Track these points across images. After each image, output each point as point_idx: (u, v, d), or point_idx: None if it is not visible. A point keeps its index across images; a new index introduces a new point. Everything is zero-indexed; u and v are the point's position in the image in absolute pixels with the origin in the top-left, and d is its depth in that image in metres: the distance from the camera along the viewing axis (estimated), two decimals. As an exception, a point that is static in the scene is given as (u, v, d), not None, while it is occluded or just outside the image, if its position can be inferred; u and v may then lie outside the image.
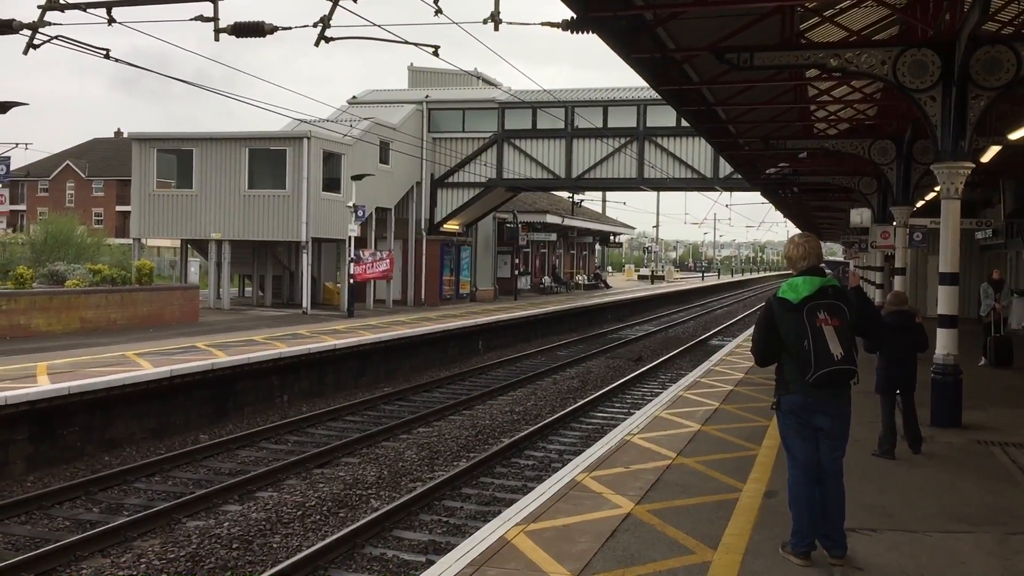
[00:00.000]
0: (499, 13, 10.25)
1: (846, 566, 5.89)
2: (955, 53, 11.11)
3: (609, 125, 34.66)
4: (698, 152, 33.51)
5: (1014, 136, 14.15)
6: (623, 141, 34.28)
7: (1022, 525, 7.07)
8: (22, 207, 72.90)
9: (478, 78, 39.36)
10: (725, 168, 32.47)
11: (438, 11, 10.01)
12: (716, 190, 37.78)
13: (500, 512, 8.02)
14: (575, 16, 10.53)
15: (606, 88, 36.74)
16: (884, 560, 6.09)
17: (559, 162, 35.19)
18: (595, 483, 7.99)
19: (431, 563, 6.53)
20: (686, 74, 15.51)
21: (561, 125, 34.69)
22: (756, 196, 42.56)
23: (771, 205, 45.58)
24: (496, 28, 10.40)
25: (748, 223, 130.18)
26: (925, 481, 8.44)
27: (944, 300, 11.48)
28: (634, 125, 34.38)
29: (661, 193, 66.48)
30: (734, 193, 47.65)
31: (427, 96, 37.13)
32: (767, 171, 29.38)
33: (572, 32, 10.27)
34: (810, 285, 5.74)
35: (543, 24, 10.07)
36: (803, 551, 5.88)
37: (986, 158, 16.07)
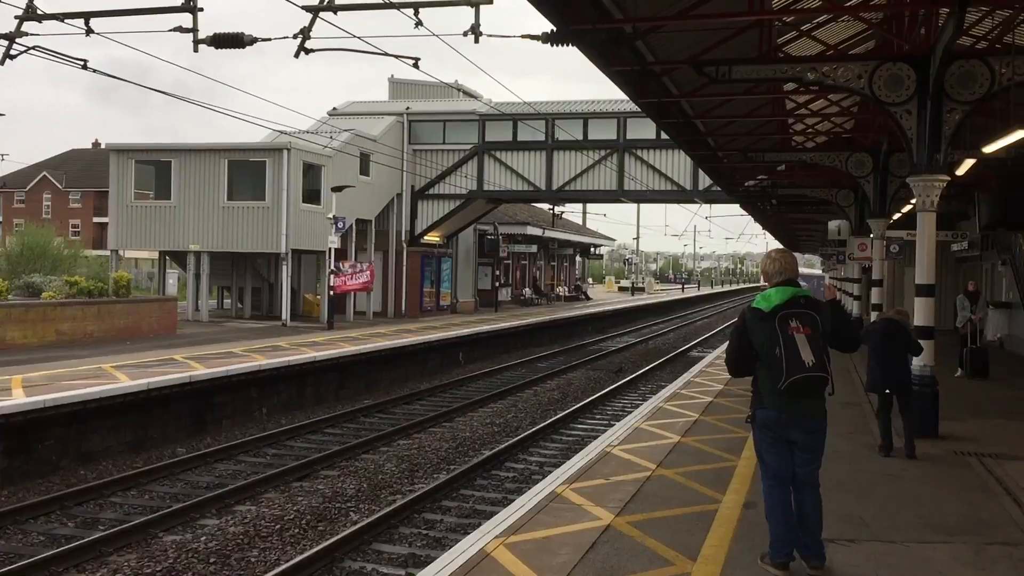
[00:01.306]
0: (479, 25, 10.29)
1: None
2: (930, 67, 11.24)
3: (589, 137, 34.80)
4: (678, 164, 33.67)
5: (989, 149, 14.31)
6: (603, 153, 34.40)
7: (998, 535, 7.12)
8: (-2, 218, 72.22)
9: (459, 90, 39.40)
10: (705, 180, 32.64)
11: (418, 23, 10.04)
12: (696, 202, 37.95)
13: (480, 524, 7.99)
14: (555, 29, 10.57)
15: (586, 100, 36.90)
16: (863, 570, 6.12)
17: (539, 174, 35.27)
18: (575, 495, 7.99)
19: (411, 576, 6.48)
20: (665, 87, 15.61)
21: (542, 137, 34.77)
22: (736, 208, 42.80)
23: (750, 217, 45.82)
24: (476, 40, 10.44)
25: (728, 235, 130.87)
26: (902, 491, 8.48)
27: (920, 311, 11.59)
28: (614, 137, 34.52)
29: (641, 205, 66.79)
30: (714, 205, 47.84)
31: (408, 108, 37.13)
32: (746, 183, 29.61)
33: (552, 45, 10.32)
34: (782, 294, 5.80)
35: (523, 37, 10.12)
36: (781, 561, 5.90)
37: (961, 171, 16.24)
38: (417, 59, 10.43)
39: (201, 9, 11.39)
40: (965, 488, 8.69)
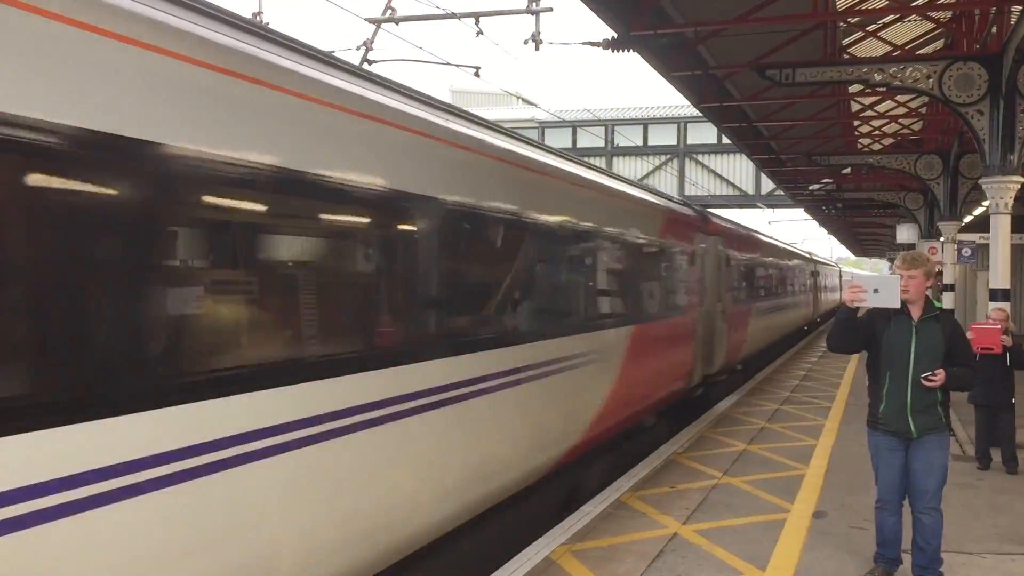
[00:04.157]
0: (539, 33, 10.33)
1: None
2: (1002, 66, 10.96)
3: (649, 143, 34.64)
4: (740, 169, 33.38)
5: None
6: (664, 158, 34.23)
7: (1080, 547, 6.88)
8: None
9: (518, 98, 39.56)
10: (767, 185, 32.26)
11: (479, 32, 10.14)
12: (758, 207, 37.50)
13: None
14: (616, 35, 10.56)
15: (646, 107, 36.78)
16: (939, 583, 5.96)
17: (599, 180, 35.18)
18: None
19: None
20: (727, 91, 15.50)
21: (601, 143, 34.71)
22: (800, 213, 42.17)
23: (814, 222, 45.11)
24: (537, 48, 10.48)
25: (791, 240, 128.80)
26: (978, 501, 8.25)
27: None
28: (675, 142, 34.32)
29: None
30: (777, 210, 47.23)
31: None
32: (810, 187, 29.15)
33: (613, 51, 10.30)
34: None
35: (584, 44, 10.13)
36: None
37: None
38: (478, 67, 10.53)
39: (268, 23, 11.59)
40: (1044, 499, 8.42)
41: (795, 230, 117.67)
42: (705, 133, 32.39)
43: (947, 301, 20.75)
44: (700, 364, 13.08)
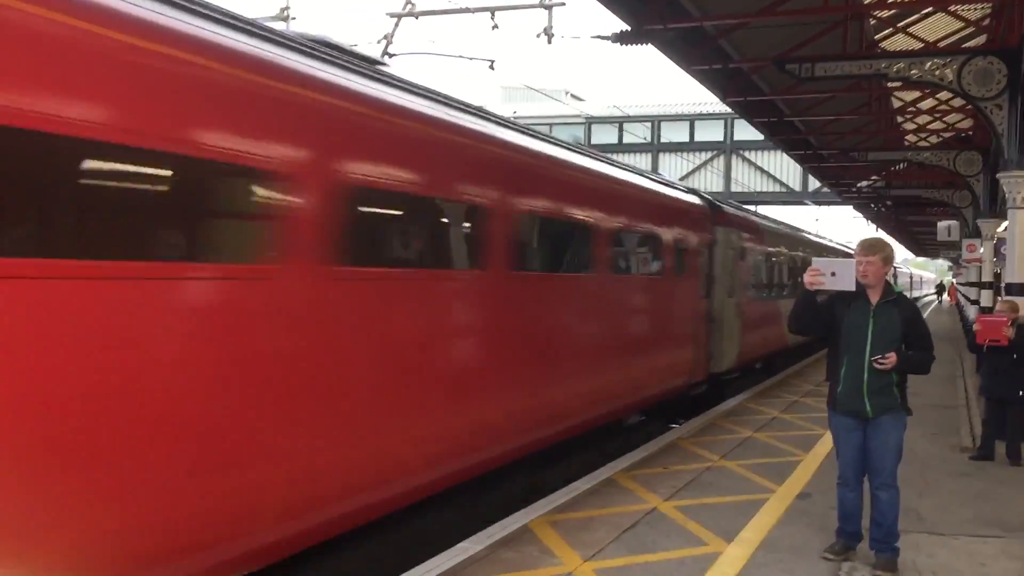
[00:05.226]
0: (551, 27, 10.62)
1: (853, 561, 5.99)
2: (1021, 60, 10.94)
3: (696, 139, 34.61)
4: (787, 166, 33.16)
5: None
6: (710, 155, 34.16)
7: (1060, 533, 6.96)
8: None
9: (567, 93, 39.81)
10: (815, 182, 32.02)
11: (495, 27, 10.46)
12: (805, 204, 37.18)
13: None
14: (629, 28, 10.80)
15: (693, 102, 36.69)
16: (903, 558, 6.11)
17: (645, 176, 35.24)
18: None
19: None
20: (756, 86, 15.57)
21: (647, 139, 34.78)
22: (850, 211, 41.68)
23: (864, 220, 44.50)
24: (549, 41, 10.78)
25: (840, 240, 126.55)
26: (969, 490, 8.34)
27: (1012, 311, 11.25)
28: (721, 139, 34.22)
29: (751, 207, 65.44)
30: (825, 207, 46.69)
31: (515, 112, 37.68)
32: (858, 184, 28.88)
33: (623, 44, 10.54)
34: None
35: (594, 37, 10.38)
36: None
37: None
38: (492, 61, 10.88)
39: (294, 18, 12.14)
40: (1040, 489, 8.46)
41: (846, 229, 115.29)
42: (753, 129, 32.25)
43: (985, 299, 20.48)
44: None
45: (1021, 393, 9.63)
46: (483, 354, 7.19)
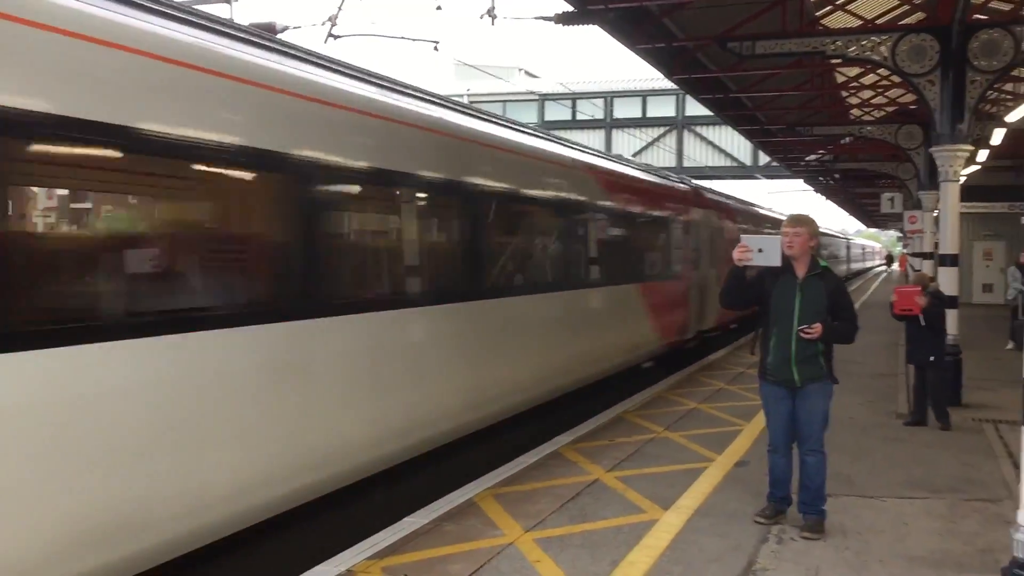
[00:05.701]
0: (494, 8, 10.71)
1: (783, 524, 6.27)
2: (952, 37, 11.25)
3: (648, 115, 34.86)
4: (737, 141, 33.56)
5: (1012, 118, 14.17)
6: (662, 130, 34.44)
7: (981, 493, 7.30)
8: None
9: (520, 71, 39.82)
10: (765, 156, 32.46)
11: (439, 7, 10.52)
12: (756, 178, 37.68)
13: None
14: (573, 9, 10.90)
15: (646, 78, 36.88)
16: (830, 521, 6.38)
17: (598, 153, 35.48)
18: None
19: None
20: (700, 63, 15.77)
21: (600, 116, 34.97)
22: (800, 184, 42.26)
23: (815, 193, 45.18)
24: (492, 23, 10.86)
25: (790, 212, 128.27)
26: (901, 454, 8.68)
27: (945, 281, 11.62)
28: (673, 114, 34.52)
29: (702, 182, 66.07)
30: (775, 180, 47.34)
31: (468, 89, 37.65)
32: (806, 159, 29.35)
33: (565, 25, 10.65)
34: None
35: (537, 18, 10.47)
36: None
37: (996, 140, 16.04)
38: (437, 42, 10.95)
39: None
40: (967, 451, 8.82)
41: (797, 202, 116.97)
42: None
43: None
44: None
45: (932, 358, 10.04)
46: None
